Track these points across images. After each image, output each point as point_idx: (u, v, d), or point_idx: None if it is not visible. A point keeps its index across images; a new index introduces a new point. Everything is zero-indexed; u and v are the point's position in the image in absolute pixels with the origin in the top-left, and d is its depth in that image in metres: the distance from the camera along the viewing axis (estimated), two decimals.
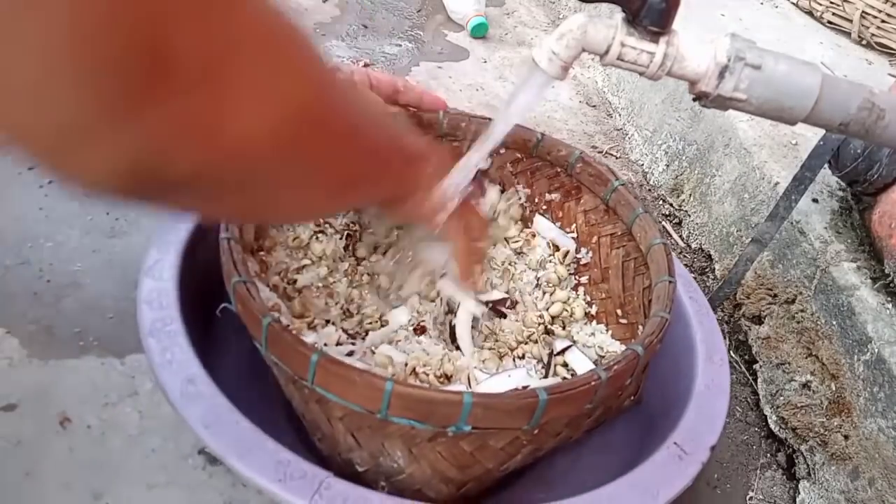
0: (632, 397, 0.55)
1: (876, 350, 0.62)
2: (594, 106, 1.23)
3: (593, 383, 0.45)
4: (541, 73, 0.46)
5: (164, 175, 0.25)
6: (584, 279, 0.69)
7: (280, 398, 0.53)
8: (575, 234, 0.70)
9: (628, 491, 0.48)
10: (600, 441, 0.60)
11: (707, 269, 0.91)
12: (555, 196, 0.71)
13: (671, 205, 1.01)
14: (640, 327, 0.61)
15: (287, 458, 0.45)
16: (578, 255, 0.70)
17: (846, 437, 0.65)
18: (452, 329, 0.62)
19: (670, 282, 0.55)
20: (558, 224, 0.71)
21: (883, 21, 1.15)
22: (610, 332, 0.65)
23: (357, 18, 1.30)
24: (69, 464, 0.56)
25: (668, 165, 1.04)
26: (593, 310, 0.67)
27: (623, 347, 0.61)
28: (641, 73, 0.45)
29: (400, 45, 1.25)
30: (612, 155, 1.12)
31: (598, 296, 0.68)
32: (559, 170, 0.69)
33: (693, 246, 0.95)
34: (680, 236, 0.97)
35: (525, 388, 0.53)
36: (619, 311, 0.66)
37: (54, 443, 0.57)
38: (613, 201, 0.65)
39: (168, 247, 0.57)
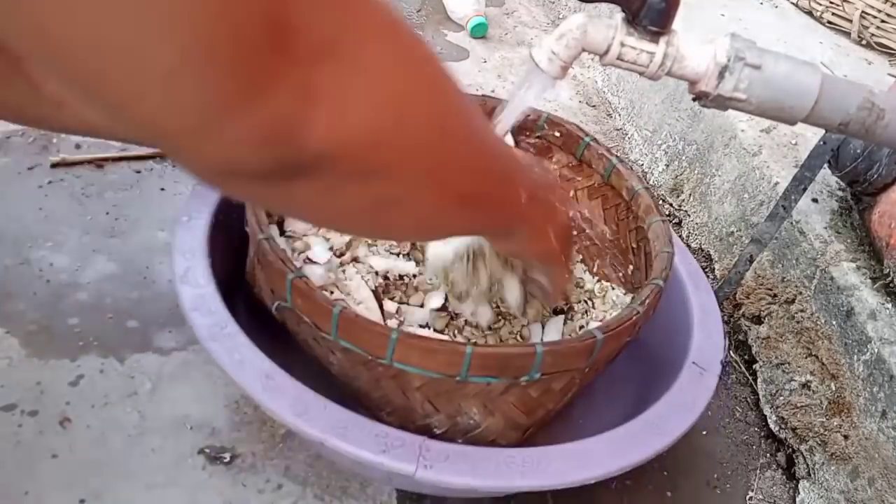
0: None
1: (875, 350, 0.62)
2: (594, 106, 1.23)
3: (635, 317, 0.51)
4: (540, 73, 0.46)
5: (296, 152, 0.25)
6: None
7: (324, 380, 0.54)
8: None
9: (671, 409, 0.55)
10: (606, 378, 0.65)
11: (707, 269, 0.91)
12: None
13: (671, 205, 1.01)
14: (630, 266, 0.66)
15: (384, 430, 0.48)
16: None
17: (846, 437, 0.65)
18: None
19: (663, 221, 0.60)
20: None
21: (882, 21, 1.15)
22: (598, 278, 0.70)
23: None
24: (69, 464, 0.56)
25: (667, 165, 1.04)
26: (579, 256, 0.72)
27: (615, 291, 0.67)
28: (641, 73, 0.45)
29: None
30: None
31: (583, 243, 0.72)
32: (528, 133, 0.72)
33: (693, 246, 0.95)
34: (680, 236, 0.97)
35: None
36: (605, 256, 0.70)
37: (54, 443, 0.57)
38: (586, 157, 0.69)
39: (193, 253, 0.58)
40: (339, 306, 0.46)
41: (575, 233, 0.72)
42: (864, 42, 1.18)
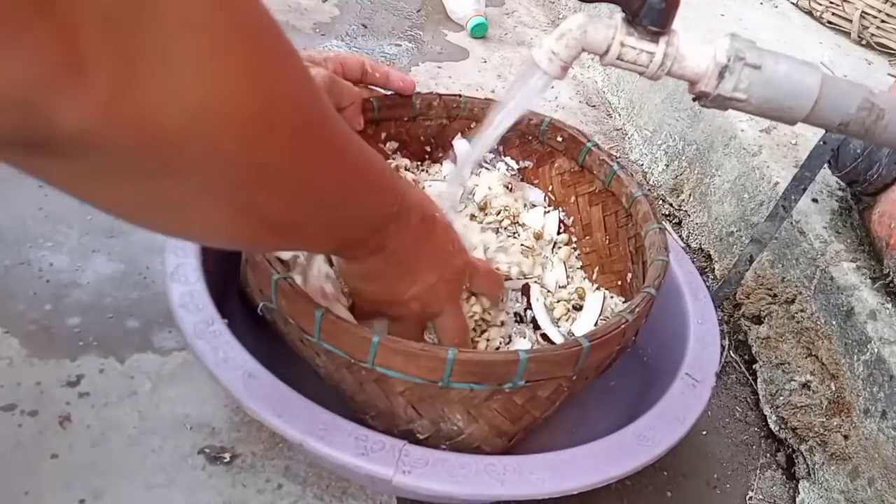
0: (633, 338, 0.58)
1: (875, 350, 0.62)
2: (594, 106, 1.23)
3: (623, 326, 0.50)
4: (540, 73, 0.46)
5: (43, 128, 0.21)
6: (563, 237, 0.73)
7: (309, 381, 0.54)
8: (552, 196, 0.73)
9: (660, 420, 0.55)
10: (602, 387, 0.65)
11: (707, 269, 0.91)
12: (528, 163, 0.74)
13: (671, 205, 1.01)
14: (629, 274, 0.66)
15: (364, 434, 0.48)
16: (562, 217, 0.73)
17: (846, 437, 0.65)
18: None
19: (660, 228, 0.60)
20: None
21: (882, 21, 1.15)
22: (596, 285, 0.69)
23: (356, 18, 1.30)
24: (69, 464, 0.56)
25: (667, 165, 1.04)
26: (579, 263, 0.72)
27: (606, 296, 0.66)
28: (641, 73, 0.45)
29: (399, 45, 1.25)
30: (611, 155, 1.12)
31: (584, 250, 0.72)
32: (530, 138, 0.72)
33: (693, 246, 0.95)
34: (679, 236, 0.97)
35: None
36: (604, 263, 0.70)
37: (54, 443, 0.57)
38: (588, 162, 0.69)
39: (185, 250, 0.58)
40: (322, 309, 0.46)
41: (575, 240, 0.72)
42: (864, 42, 1.18)
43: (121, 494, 0.55)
